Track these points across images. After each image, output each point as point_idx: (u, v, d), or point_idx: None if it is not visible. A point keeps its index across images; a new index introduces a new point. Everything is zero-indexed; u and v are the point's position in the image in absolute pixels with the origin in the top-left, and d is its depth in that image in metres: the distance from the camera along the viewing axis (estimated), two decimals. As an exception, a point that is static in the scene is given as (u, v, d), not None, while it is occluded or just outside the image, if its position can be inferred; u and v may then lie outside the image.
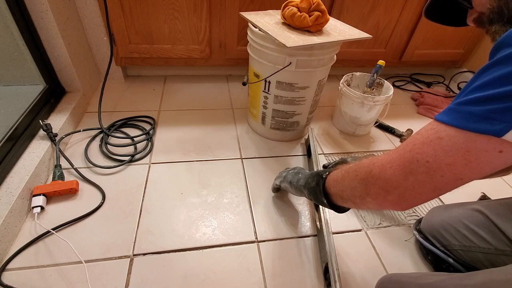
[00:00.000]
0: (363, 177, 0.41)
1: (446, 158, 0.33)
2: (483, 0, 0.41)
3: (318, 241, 0.70)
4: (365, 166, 0.42)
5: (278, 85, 0.83)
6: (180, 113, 1.08)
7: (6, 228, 0.61)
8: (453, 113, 0.33)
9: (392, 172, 0.37)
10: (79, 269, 0.59)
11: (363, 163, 0.43)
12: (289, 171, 0.71)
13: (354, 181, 0.43)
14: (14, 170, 0.70)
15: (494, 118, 0.29)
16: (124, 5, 0.99)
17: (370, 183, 0.40)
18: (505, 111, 0.29)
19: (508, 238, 0.53)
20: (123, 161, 0.84)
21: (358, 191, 0.43)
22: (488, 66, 0.31)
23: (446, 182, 0.34)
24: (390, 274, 0.60)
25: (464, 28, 1.34)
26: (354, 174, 0.44)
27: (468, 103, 0.32)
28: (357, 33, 0.80)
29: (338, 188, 0.48)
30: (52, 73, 0.95)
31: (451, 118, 0.33)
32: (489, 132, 0.30)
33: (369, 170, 0.41)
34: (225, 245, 0.67)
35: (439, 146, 0.33)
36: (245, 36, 0.87)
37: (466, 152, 0.32)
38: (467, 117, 0.32)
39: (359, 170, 0.43)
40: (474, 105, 0.31)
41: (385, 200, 0.39)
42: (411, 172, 0.35)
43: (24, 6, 0.80)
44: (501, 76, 0.29)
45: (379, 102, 0.93)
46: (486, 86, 0.31)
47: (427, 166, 0.34)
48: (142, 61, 1.14)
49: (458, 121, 0.32)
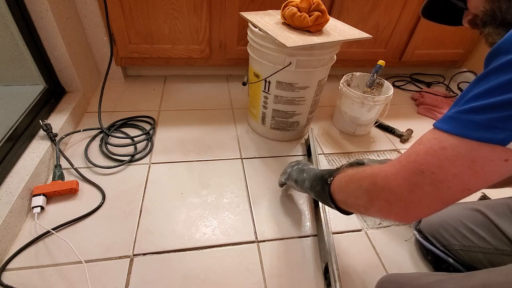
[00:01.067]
0: (367, 188, 0.41)
1: (452, 169, 0.32)
2: (477, 3, 0.41)
3: (318, 241, 0.70)
4: (368, 176, 0.41)
5: (278, 85, 0.83)
6: (180, 113, 1.08)
7: (6, 228, 0.61)
8: (454, 122, 0.33)
9: (396, 184, 0.36)
10: (79, 269, 0.59)
11: (367, 172, 0.42)
12: (293, 168, 0.69)
13: (358, 191, 0.43)
14: (14, 170, 0.70)
15: (496, 126, 0.29)
16: (124, 5, 0.99)
17: (375, 195, 0.39)
18: (507, 120, 0.29)
19: (508, 238, 0.53)
20: (123, 161, 0.84)
21: (362, 201, 0.42)
22: (487, 73, 0.31)
23: (453, 192, 0.33)
24: (390, 274, 0.61)
25: (464, 28, 1.33)
26: (357, 183, 0.43)
27: (469, 112, 0.31)
28: (357, 33, 0.80)
29: (342, 196, 0.48)
30: (52, 73, 0.95)
31: (452, 126, 0.33)
32: (493, 141, 0.30)
33: (373, 181, 0.40)
34: (225, 245, 0.67)
35: (444, 156, 0.32)
36: (245, 36, 0.87)
37: (471, 162, 0.31)
38: (470, 125, 0.31)
39: (362, 180, 0.42)
40: (476, 113, 0.31)
41: (390, 212, 0.38)
42: (416, 184, 0.34)
43: (24, 6, 0.80)
44: (501, 84, 0.29)
45: (379, 102, 0.93)
46: (487, 94, 0.30)
47: (432, 177, 0.33)
48: (142, 61, 1.14)
49: (461, 130, 0.32)
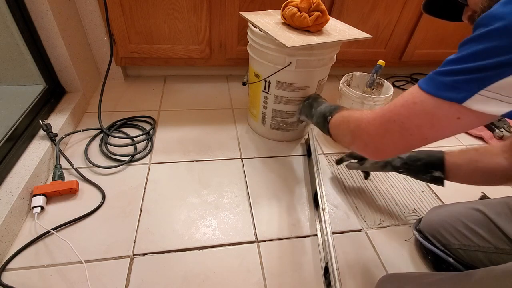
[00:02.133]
0: (352, 129, 0.51)
1: (416, 120, 0.39)
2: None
3: (318, 241, 0.70)
4: (356, 119, 0.51)
5: (278, 85, 0.83)
6: (180, 113, 1.08)
7: (6, 228, 0.61)
8: (430, 82, 0.38)
9: (374, 128, 0.45)
10: (79, 269, 0.59)
11: (356, 115, 0.51)
12: (304, 103, 0.82)
13: (346, 130, 0.54)
14: (14, 170, 0.70)
15: (459, 87, 0.34)
16: (124, 5, 0.99)
17: (357, 135, 0.49)
18: (470, 82, 0.33)
19: (508, 237, 0.53)
20: (123, 161, 0.84)
21: (347, 138, 0.54)
22: (464, 42, 0.35)
23: (414, 140, 0.41)
24: (390, 274, 0.61)
25: (464, 28, 1.34)
26: (346, 124, 0.54)
27: (442, 74, 0.36)
28: (357, 33, 0.80)
29: (335, 132, 0.62)
30: (52, 73, 0.95)
31: (427, 86, 0.38)
32: (452, 99, 0.34)
33: (357, 124, 0.49)
34: (225, 245, 0.67)
35: (413, 110, 0.39)
36: (245, 36, 0.88)
37: (431, 116, 0.37)
38: (439, 85, 0.36)
39: (351, 122, 0.52)
40: (447, 75, 0.35)
41: (365, 151, 0.49)
42: (388, 130, 0.43)
43: (24, 6, 0.80)
44: (472, 53, 0.33)
45: (379, 102, 0.93)
46: (460, 60, 0.34)
47: (401, 126, 0.40)
48: (142, 61, 1.14)
49: (431, 88, 0.37)
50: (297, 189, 0.83)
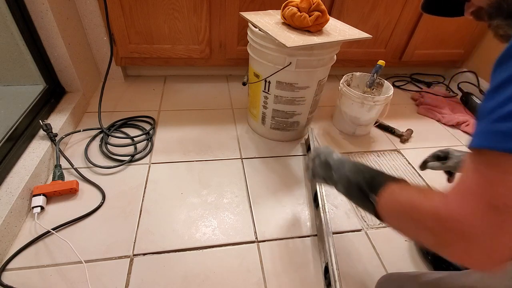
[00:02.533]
0: (432, 226, 0.31)
1: None
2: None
3: (318, 241, 0.70)
4: (429, 212, 0.31)
5: (278, 85, 0.83)
6: (180, 113, 1.08)
7: (6, 228, 0.61)
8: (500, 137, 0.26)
9: (472, 226, 0.28)
10: (79, 269, 0.59)
11: (425, 206, 0.32)
12: (314, 162, 0.57)
13: (417, 226, 0.34)
14: (14, 170, 0.70)
15: None
16: (124, 5, 0.99)
17: (445, 240, 0.30)
18: None
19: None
20: (123, 161, 0.84)
21: (423, 238, 0.33)
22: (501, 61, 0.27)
23: None
24: (390, 274, 0.61)
25: (465, 28, 1.34)
26: (412, 215, 0.34)
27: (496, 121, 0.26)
28: (357, 33, 0.80)
29: (393, 223, 0.39)
30: (52, 73, 0.95)
31: (487, 141, 0.27)
32: None
33: (436, 218, 0.30)
34: (225, 245, 0.67)
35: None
36: (245, 36, 0.88)
37: None
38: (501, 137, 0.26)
39: (423, 217, 0.32)
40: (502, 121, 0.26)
41: (469, 261, 0.29)
42: (496, 224, 0.27)
43: (24, 6, 0.80)
44: None
45: (379, 102, 0.93)
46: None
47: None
48: (142, 61, 1.14)
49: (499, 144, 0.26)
50: (297, 189, 0.83)
